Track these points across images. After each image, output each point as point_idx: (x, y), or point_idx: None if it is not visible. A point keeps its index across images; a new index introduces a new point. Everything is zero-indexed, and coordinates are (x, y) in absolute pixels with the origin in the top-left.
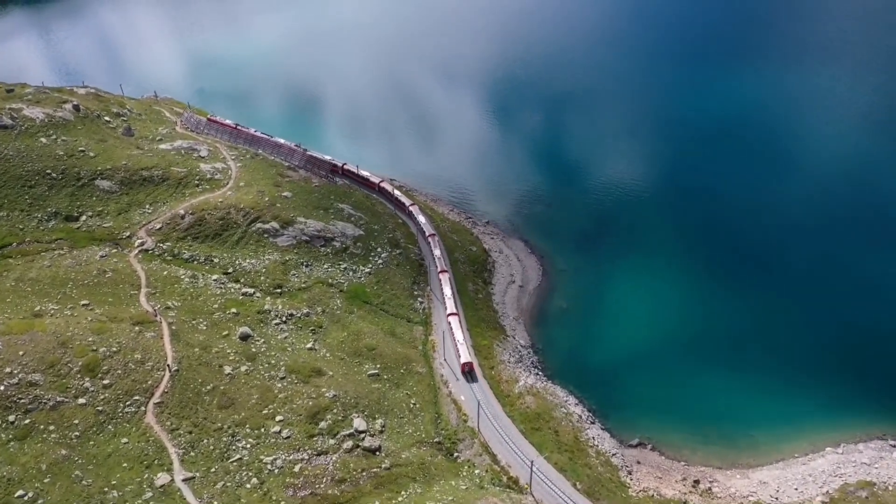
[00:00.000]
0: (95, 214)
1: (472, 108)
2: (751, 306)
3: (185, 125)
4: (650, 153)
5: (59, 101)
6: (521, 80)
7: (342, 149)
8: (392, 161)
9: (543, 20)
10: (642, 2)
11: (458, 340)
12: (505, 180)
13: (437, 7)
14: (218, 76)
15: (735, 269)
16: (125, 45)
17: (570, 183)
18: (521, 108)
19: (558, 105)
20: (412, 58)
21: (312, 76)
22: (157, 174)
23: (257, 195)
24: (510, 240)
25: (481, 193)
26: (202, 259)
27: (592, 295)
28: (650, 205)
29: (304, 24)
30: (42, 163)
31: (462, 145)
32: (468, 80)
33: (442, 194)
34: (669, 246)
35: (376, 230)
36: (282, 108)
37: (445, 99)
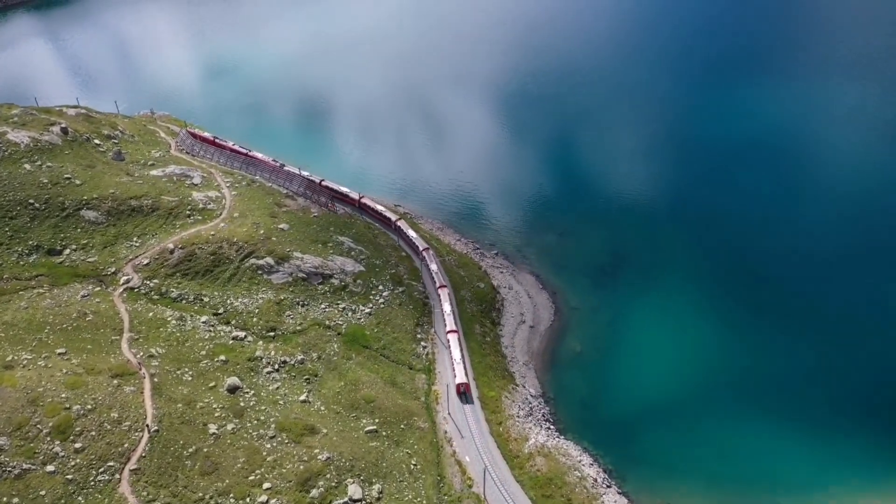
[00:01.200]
0: (80, 248)
1: (482, 127)
2: (785, 349)
3: (180, 147)
4: (670, 176)
5: (46, 124)
6: (533, 97)
7: (344, 169)
8: (397, 184)
9: (558, 33)
10: (661, 15)
11: (456, 360)
12: (515, 207)
13: (450, 20)
14: (221, 89)
15: (767, 307)
16: (127, 54)
17: (583, 209)
18: (532, 127)
19: (572, 124)
20: (422, 74)
21: (319, 92)
22: (146, 204)
23: (252, 227)
24: (520, 274)
25: (490, 221)
26: (191, 298)
27: (608, 336)
28: (672, 234)
29: (314, 35)
30: (25, 191)
31: (470, 167)
32: (479, 96)
33: (449, 221)
34: (693, 281)
35: (378, 265)
36: (284, 125)
37: (454, 117)
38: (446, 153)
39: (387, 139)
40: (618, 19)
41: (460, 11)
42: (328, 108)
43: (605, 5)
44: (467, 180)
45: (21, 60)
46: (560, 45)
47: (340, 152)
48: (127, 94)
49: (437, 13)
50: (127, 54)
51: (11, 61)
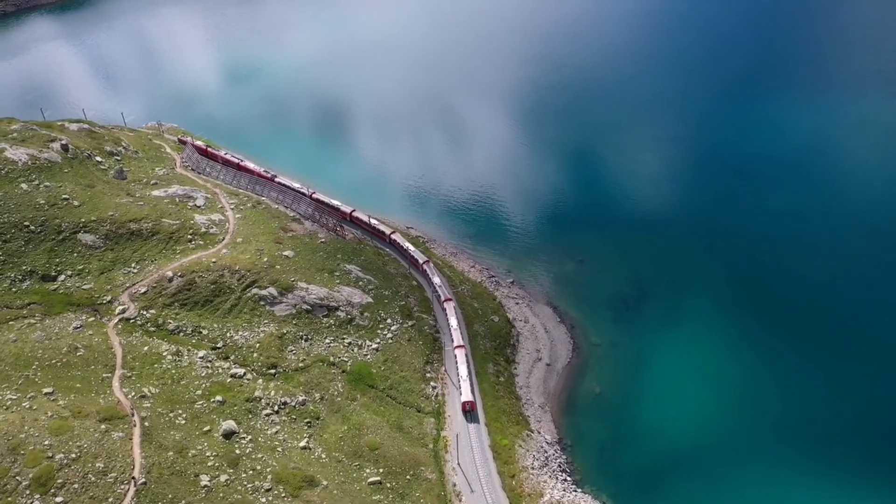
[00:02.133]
0: (75, 274)
1: (498, 144)
2: (828, 391)
3: (186, 163)
4: (696, 196)
5: (46, 140)
6: (551, 110)
7: (356, 187)
8: (410, 204)
9: (577, 44)
10: (684, 25)
11: (462, 376)
12: (532, 230)
13: (468, 28)
14: (233, 97)
15: (807, 343)
16: (139, 60)
17: (604, 233)
18: (550, 143)
19: (591, 139)
20: (438, 84)
21: (333, 103)
22: (146, 227)
23: (255, 254)
24: (537, 305)
25: (506, 245)
26: (189, 330)
27: (630, 376)
28: (699, 261)
29: (332, 41)
30: (20, 213)
31: (486, 187)
32: (496, 110)
33: (464, 245)
34: (724, 314)
35: (387, 296)
36: (294, 136)
37: (469, 132)
38: (461, 171)
39: (399, 155)
40: (639, 29)
41: (478, 20)
42: (341, 121)
43: (624, 15)
44: (482, 201)
45: (31, 67)
46: (579, 57)
47: (352, 168)
48: (136, 104)
49: (455, 21)
50: (138, 60)
51: (22, 67)
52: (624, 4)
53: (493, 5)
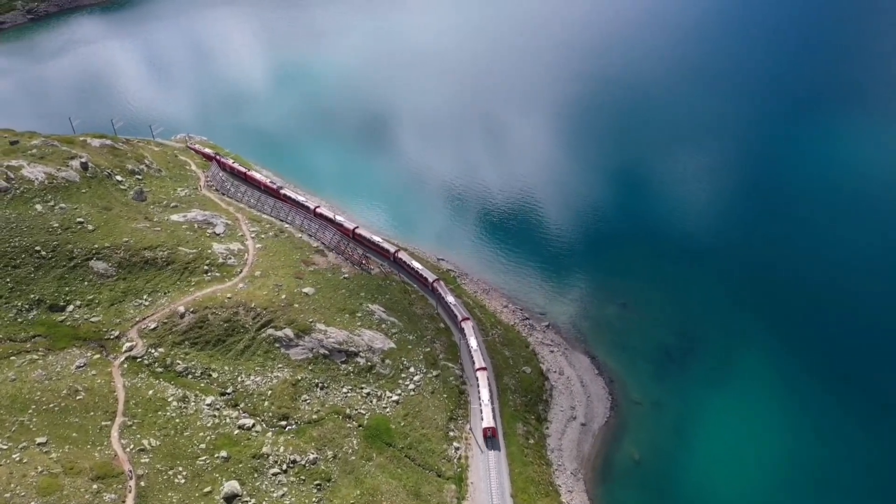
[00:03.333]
0: (84, 304)
1: (538, 169)
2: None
3: (210, 182)
4: (755, 236)
5: (66, 157)
6: (597, 132)
7: (386, 211)
8: (443, 233)
9: (627, 58)
10: (748, 40)
11: (484, 401)
12: (572, 267)
13: (513, 40)
14: (269, 108)
15: (880, 409)
16: (177, 66)
17: (650, 275)
18: (595, 171)
19: (640, 167)
20: (478, 100)
21: (370, 116)
22: (161, 256)
23: (273, 290)
24: (573, 354)
25: (543, 283)
26: (198, 373)
27: (673, 442)
28: (758, 310)
29: (375, 50)
30: (32, 237)
31: (523, 217)
32: (536, 130)
33: (498, 281)
34: (784, 373)
35: (411, 341)
36: (324, 152)
37: (508, 154)
38: (498, 198)
39: (435, 178)
40: (695, 44)
41: (527, 33)
42: (377, 137)
43: (679, 29)
44: (519, 232)
45: (68, 70)
46: (630, 73)
47: (384, 190)
48: (168, 112)
49: (502, 32)
50: (174, 66)
51: (58, 71)
52: (681, 16)
53: (542, 18)
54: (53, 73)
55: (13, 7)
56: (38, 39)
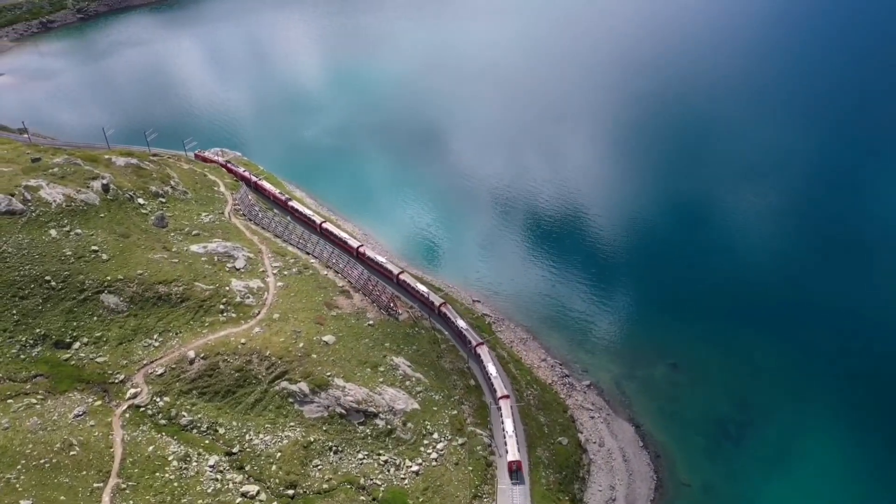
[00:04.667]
0: (92, 342)
1: (587, 201)
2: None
3: (238, 206)
4: (834, 293)
5: (88, 178)
6: (655, 162)
7: (425, 248)
8: (481, 272)
9: (696, 80)
10: (826, 58)
11: (508, 433)
12: (618, 319)
13: (577, 52)
14: (312, 120)
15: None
16: (219, 70)
17: (705, 331)
18: (650, 207)
19: (699, 204)
20: (530, 119)
21: (417, 132)
22: (176, 291)
23: (290, 337)
24: (616, 421)
25: (587, 335)
26: (204, 427)
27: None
28: (832, 381)
29: (431, 58)
30: (43, 265)
31: (568, 258)
32: (587, 156)
33: (536, 329)
34: (861, 460)
35: (437, 402)
36: (360, 172)
37: (556, 185)
38: (539, 236)
39: (475, 209)
40: (766, 64)
41: (580, 46)
42: (421, 156)
43: (748, 47)
44: (562, 276)
45: (112, 72)
46: (691, 93)
47: (423, 220)
48: (206, 122)
49: (553, 45)
50: (216, 72)
51: (102, 72)
52: (752, 34)
53: (599, 32)
54: (96, 77)
55: (64, 6)
56: (86, 40)
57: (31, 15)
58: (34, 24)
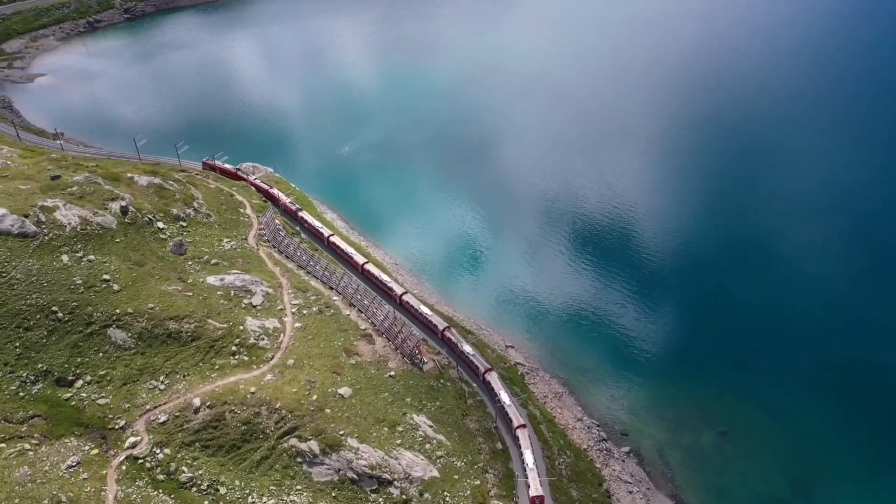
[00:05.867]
0: (95, 381)
1: (636, 241)
2: None
3: (263, 231)
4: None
5: (106, 199)
6: (711, 195)
7: (460, 280)
8: (519, 314)
9: (753, 96)
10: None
11: (528, 465)
12: (665, 374)
13: (640, 69)
14: (351, 131)
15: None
16: (262, 77)
17: (763, 397)
18: (705, 248)
19: (761, 247)
20: (581, 141)
21: (460, 151)
22: (187, 329)
23: (304, 388)
24: (657, 497)
25: (628, 392)
26: (204, 485)
27: None
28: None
29: (480, 67)
30: (51, 294)
31: (614, 305)
32: (638, 189)
33: (574, 382)
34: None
35: (459, 470)
36: (401, 193)
37: (602, 219)
38: (583, 276)
39: (515, 241)
40: (850, 89)
41: (638, 60)
42: (464, 177)
43: (824, 66)
44: (605, 323)
45: (150, 78)
46: (756, 117)
47: (459, 250)
48: (239, 135)
49: (620, 55)
50: (258, 79)
51: (141, 79)
52: (829, 51)
53: (658, 44)
54: (136, 80)
55: (111, 5)
56: (130, 41)
57: (79, 14)
58: (81, 23)
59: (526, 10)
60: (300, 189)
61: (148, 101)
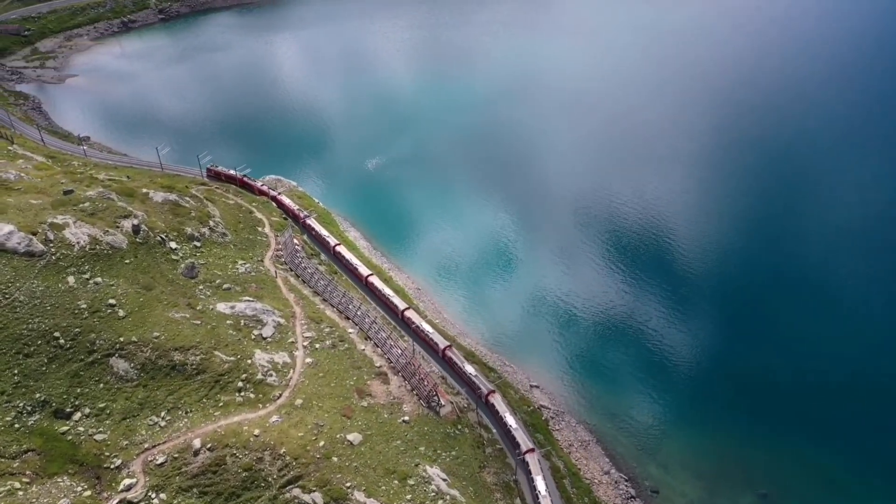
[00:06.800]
0: (94, 414)
1: (678, 279)
2: None
3: (280, 252)
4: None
5: (118, 216)
6: (763, 233)
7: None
8: (543, 346)
9: (811, 116)
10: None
11: (541, 492)
12: (701, 427)
13: (676, 77)
14: (384, 143)
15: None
16: (293, 82)
17: (805, 454)
18: (749, 288)
19: (815, 292)
20: (622, 163)
21: (498, 168)
22: (192, 361)
23: (311, 432)
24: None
25: (660, 443)
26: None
27: None
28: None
29: (521, 78)
30: (54, 319)
31: (650, 347)
32: (680, 220)
33: (601, 430)
34: None
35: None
36: (434, 214)
37: (642, 247)
38: (617, 315)
39: (550, 269)
40: None
41: (700, 74)
42: (488, 202)
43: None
44: (638, 366)
45: (179, 82)
46: (824, 143)
47: (483, 278)
48: (264, 146)
49: (665, 68)
50: (288, 85)
51: (170, 82)
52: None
53: (723, 54)
54: (166, 83)
55: (146, 5)
56: (164, 42)
57: (114, 14)
58: (115, 23)
59: (568, 18)
60: (324, 206)
61: (175, 106)
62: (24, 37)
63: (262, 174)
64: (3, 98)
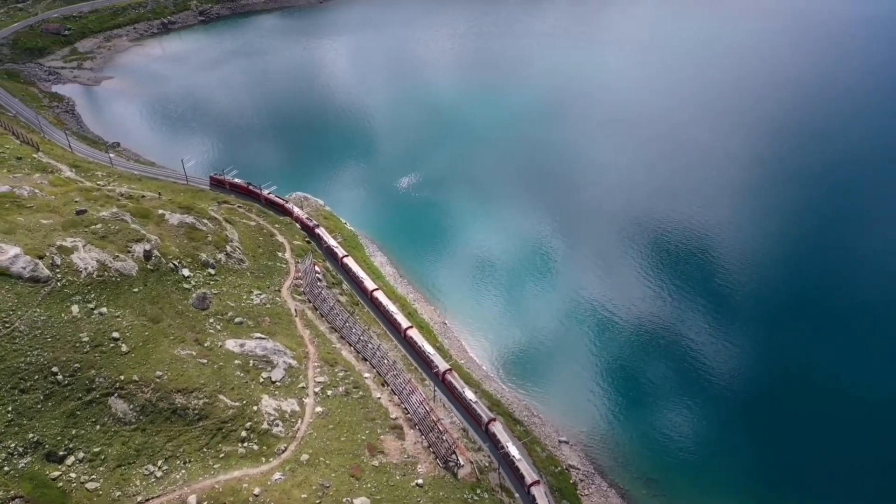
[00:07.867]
0: (87, 459)
1: (722, 323)
2: None
3: (299, 281)
4: None
5: (130, 240)
6: (816, 272)
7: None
8: (577, 396)
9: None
10: None
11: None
12: (744, 498)
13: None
14: (421, 158)
15: None
16: (331, 92)
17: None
18: (799, 336)
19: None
20: (675, 190)
21: (532, 188)
22: (195, 406)
23: (315, 493)
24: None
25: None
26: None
27: None
28: None
29: (562, 90)
30: (54, 352)
31: (691, 404)
32: (729, 256)
33: (636, 496)
34: None
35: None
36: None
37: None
38: (663, 361)
39: (589, 304)
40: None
41: (764, 97)
42: (526, 228)
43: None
44: (683, 425)
45: (214, 87)
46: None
47: (511, 315)
48: (294, 159)
49: (730, 85)
50: (323, 94)
51: (206, 88)
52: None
53: (787, 75)
54: (201, 89)
55: (187, 7)
56: (202, 44)
57: (154, 14)
58: (155, 24)
59: (624, 28)
60: (351, 227)
61: (207, 113)
62: (64, 36)
63: (288, 191)
64: (38, 100)
